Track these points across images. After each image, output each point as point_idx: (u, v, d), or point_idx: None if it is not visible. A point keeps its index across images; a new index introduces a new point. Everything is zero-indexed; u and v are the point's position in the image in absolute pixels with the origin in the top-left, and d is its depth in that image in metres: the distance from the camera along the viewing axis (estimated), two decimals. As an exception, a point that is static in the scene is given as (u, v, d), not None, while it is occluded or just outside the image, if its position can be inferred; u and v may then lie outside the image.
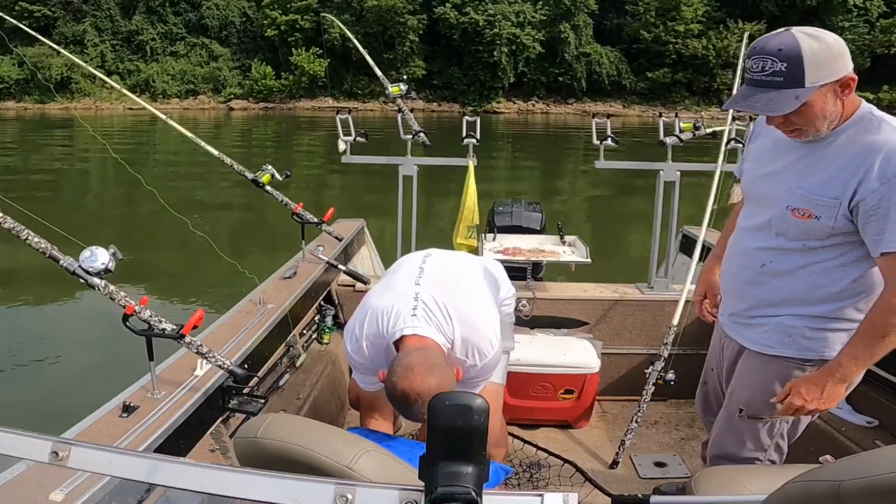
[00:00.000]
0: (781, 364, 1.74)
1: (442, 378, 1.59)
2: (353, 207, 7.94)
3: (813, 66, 1.49)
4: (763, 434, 1.84)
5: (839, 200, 1.57)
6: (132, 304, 1.75)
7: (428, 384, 1.55)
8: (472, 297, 1.85)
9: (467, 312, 1.77)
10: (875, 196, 1.52)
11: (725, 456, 1.92)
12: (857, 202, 1.55)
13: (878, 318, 1.57)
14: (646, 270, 3.34)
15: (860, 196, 1.54)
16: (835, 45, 1.51)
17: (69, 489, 1.33)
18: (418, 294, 1.76)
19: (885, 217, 1.52)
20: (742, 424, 1.85)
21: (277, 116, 35.28)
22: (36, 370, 5.17)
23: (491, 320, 1.83)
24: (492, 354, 1.80)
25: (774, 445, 1.85)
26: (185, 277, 7.91)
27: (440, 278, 1.85)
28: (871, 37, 35.84)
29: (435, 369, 1.59)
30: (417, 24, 38.11)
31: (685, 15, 37.53)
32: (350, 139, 3.41)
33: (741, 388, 1.85)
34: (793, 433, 1.86)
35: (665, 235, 3.29)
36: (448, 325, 1.73)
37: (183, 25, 41.21)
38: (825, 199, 1.59)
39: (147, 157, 18.23)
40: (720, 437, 1.94)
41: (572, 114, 38.30)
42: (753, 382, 1.81)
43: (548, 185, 14.98)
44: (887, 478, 0.77)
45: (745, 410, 1.83)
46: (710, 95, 38.62)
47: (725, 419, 1.91)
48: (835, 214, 1.58)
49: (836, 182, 1.58)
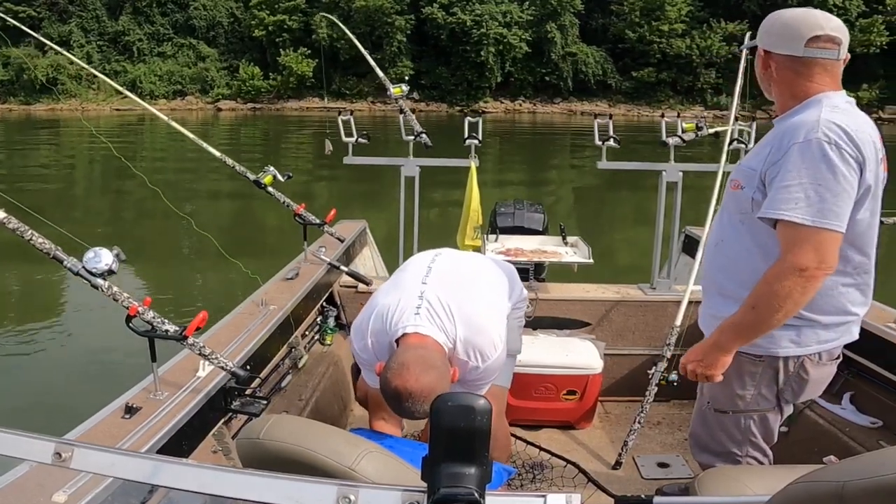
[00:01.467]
0: (737, 359, 1.77)
1: (437, 379, 1.60)
2: (343, 206, 7.95)
3: (763, 29, 1.74)
4: (731, 427, 1.87)
5: (756, 171, 1.65)
6: (135, 305, 1.75)
7: (421, 383, 1.56)
8: (478, 299, 1.85)
9: (471, 314, 1.77)
10: (774, 167, 1.59)
11: (699, 446, 1.98)
12: (765, 172, 1.62)
13: (760, 287, 1.60)
14: (647, 271, 3.34)
15: (765, 167, 1.62)
16: (784, 19, 1.69)
17: (72, 490, 1.33)
18: (424, 293, 1.77)
19: (770, 185, 1.59)
20: (710, 417, 1.90)
21: (265, 117, 35.30)
22: (38, 372, 5.18)
23: (496, 323, 1.83)
24: (494, 357, 1.79)
25: (748, 441, 1.87)
26: (183, 278, 7.92)
27: (448, 278, 1.86)
28: (850, 36, 36.03)
29: (431, 370, 1.60)
30: (405, 24, 38.24)
31: (669, 15, 37.82)
32: (352, 140, 3.41)
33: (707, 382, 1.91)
34: (764, 431, 1.86)
35: (667, 236, 3.29)
36: (451, 326, 1.73)
37: (170, 26, 41.12)
38: (748, 169, 1.69)
39: (136, 155, 18.27)
40: (694, 429, 2.01)
41: (559, 113, 38.50)
42: None
43: (539, 184, 15.01)
44: (891, 478, 0.76)
45: (710, 403, 1.89)
46: (693, 94, 38.98)
47: (696, 411, 1.99)
48: (754, 184, 1.65)
49: (759, 155, 1.68)
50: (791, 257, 1.54)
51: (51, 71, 35.27)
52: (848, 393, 2.50)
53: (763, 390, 1.79)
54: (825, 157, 1.52)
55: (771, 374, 1.76)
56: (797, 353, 1.71)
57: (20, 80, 36.65)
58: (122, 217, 11.50)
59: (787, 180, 1.54)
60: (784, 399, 1.80)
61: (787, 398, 1.80)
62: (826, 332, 1.70)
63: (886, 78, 36.40)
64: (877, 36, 35.62)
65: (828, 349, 1.73)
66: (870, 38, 35.56)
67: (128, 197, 12.56)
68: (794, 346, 1.70)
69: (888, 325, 2.41)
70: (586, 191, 14.32)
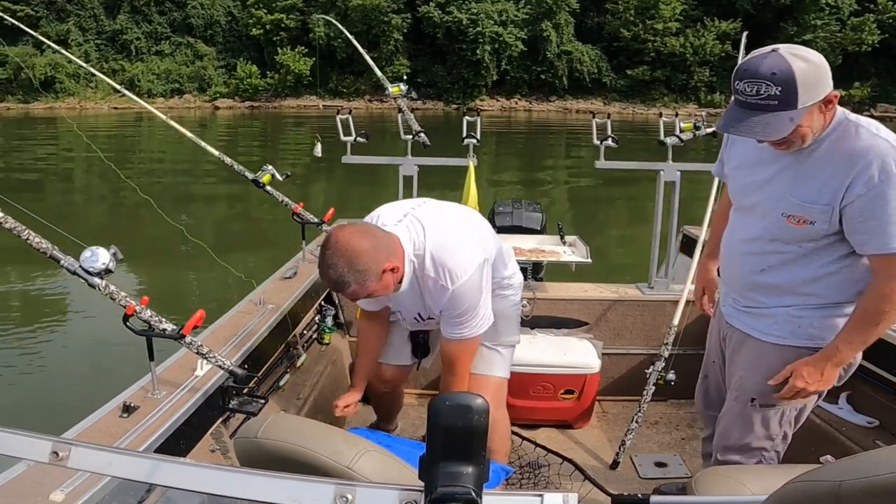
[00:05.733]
0: (793, 352, 1.80)
1: (366, 248, 1.71)
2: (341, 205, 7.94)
3: (805, 87, 1.54)
4: (773, 422, 1.89)
5: (832, 206, 1.65)
6: (133, 304, 1.75)
7: (348, 239, 1.70)
8: (456, 229, 1.96)
9: (444, 236, 1.89)
10: (862, 200, 1.60)
11: (733, 447, 1.95)
12: (845, 206, 1.63)
13: (870, 305, 1.67)
14: (645, 270, 3.34)
15: (847, 200, 1.62)
16: (821, 65, 1.58)
17: (69, 489, 1.33)
18: (409, 213, 1.92)
19: (869, 220, 1.60)
20: (754, 413, 1.89)
21: (263, 115, 35.22)
22: (36, 371, 5.17)
23: (470, 251, 1.92)
24: (465, 280, 1.86)
25: (782, 434, 1.90)
26: (181, 277, 7.91)
27: (434, 210, 2.00)
28: (842, 34, 36.27)
29: (367, 237, 1.74)
30: (402, 22, 38.20)
31: (663, 13, 37.88)
32: (350, 139, 3.41)
33: (751, 377, 1.89)
34: (798, 420, 1.91)
35: (665, 235, 3.29)
36: (421, 238, 1.87)
37: (168, 25, 40.98)
38: (819, 206, 1.67)
39: (135, 152, 18.24)
40: (728, 429, 1.97)
41: (554, 111, 38.50)
42: (765, 371, 1.84)
43: (536, 183, 15.01)
44: (887, 478, 0.77)
45: (756, 399, 1.88)
46: (687, 92, 39.04)
47: (735, 409, 1.95)
48: (829, 219, 1.66)
49: (827, 189, 1.65)
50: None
51: (49, 69, 35.14)
52: (845, 393, 2.51)
53: None
54: None
55: None
56: None
57: (18, 79, 36.55)
58: (120, 216, 11.47)
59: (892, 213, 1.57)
60: (834, 385, 1.83)
61: (836, 383, 1.83)
62: None
63: (878, 76, 36.62)
64: (868, 34, 35.72)
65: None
66: (861, 36, 35.71)
67: (127, 196, 12.50)
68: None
69: None
70: (584, 190, 14.33)
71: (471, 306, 1.92)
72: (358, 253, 1.70)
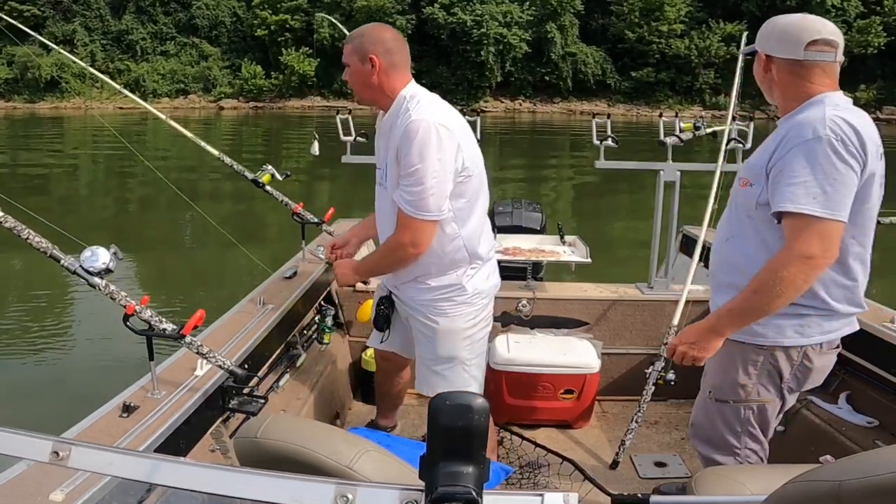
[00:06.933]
0: (741, 348, 1.82)
1: (381, 38, 2.07)
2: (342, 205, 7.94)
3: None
4: (730, 418, 1.91)
5: (762, 167, 1.70)
6: (132, 304, 1.75)
7: (383, 27, 2.13)
8: (451, 113, 2.10)
9: (440, 103, 2.09)
10: (780, 162, 1.64)
11: (704, 438, 2.00)
12: (770, 167, 1.68)
13: (763, 274, 1.66)
14: (645, 270, 3.34)
15: (771, 163, 1.68)
16: (787, 27, 1.72)
17: (69, 489, 1.33)
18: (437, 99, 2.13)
19: (778, 178, 1.64)
20: (711, 407, 1.94)
21: (267, 115, 35.29)
22: (36, 370, 5.17)
23: (447, 116, 2.02)
24: (426, 116, 1.94)
25: (747, 433, 1.91)
26: (181, 277, 7.91)
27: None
28: (848, 37, 36.15)
29: (395, 40, 2.07)
30: (406, 24, 38.25)
31: (668, 15, 37.97)
32: (350, 139, 3.41)
33: (710, 371, 1.95)
34: (762, 422, 1.90)
35: (665, 235, 3.29)
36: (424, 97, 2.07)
37: (173, 25, 41.17)
38: (756, 166, 1.73)
39: (141, 151, 18.21)
40: (695, 418, 2.04)
41: (558, 113, 38.57)
42: (718, 366, 1.89)
43: (537, 182, 15.02)
44: (887, 478, 0.77)
45: (712, 392, 1.93)
46: (692, 94, 39.16)
47: (699, 401, 2.03)
48: (762, 181, 1.70)
49: (765, 152, 1.72)
50: (798, 245, 1.60)
51: (55, 69, 35.19)
52: (844, 392, 2.51)
53: (764, 380, 1.83)
54: (831, 152, 1.58)
55: (774, 363, 1.80)
56: (801, 343, 1.76)
57: (24, 79, 36.61)
58: (122, 215, 11.47)
59: (796, 174, 1.60)
60: (788, 388, 1.83)
61: (792, 387, 1.83)
62: (831, 322, 1.76)
63: (884, 78, 36.62)
64: (875, 37, 35.82)
65: (829, 339, 1.78)
66: (868, 39, 35.79)
67: (128, 196, 12.54)
68: (798, 336, 1.75)
69: (885, 325, 2.42)
70: (584, 190, 14.34)
71: (420, 158, 1.91)
72: (372, 28, 2.10)
